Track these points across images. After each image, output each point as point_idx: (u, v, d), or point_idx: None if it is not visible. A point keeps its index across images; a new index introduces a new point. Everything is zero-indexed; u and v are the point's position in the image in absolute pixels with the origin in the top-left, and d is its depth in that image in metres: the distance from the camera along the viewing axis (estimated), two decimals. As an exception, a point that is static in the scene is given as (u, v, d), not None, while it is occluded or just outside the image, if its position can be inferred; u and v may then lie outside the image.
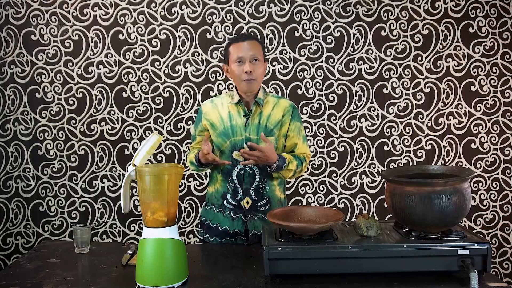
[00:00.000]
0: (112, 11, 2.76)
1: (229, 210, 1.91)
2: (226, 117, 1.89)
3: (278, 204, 1.95)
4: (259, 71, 1.84)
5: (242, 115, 1.88)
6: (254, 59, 1.82)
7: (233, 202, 1.90)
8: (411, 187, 1.43)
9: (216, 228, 1.93)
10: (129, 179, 1.51)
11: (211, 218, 1.95)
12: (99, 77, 2.79)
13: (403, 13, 2.79)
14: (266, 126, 1.88)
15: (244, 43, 1.82)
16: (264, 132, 1.86)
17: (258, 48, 1.85)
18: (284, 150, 1.95)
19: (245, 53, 1.81)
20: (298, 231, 1.48)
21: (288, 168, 1.86)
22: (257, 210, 1.90)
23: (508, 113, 2.85)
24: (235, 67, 1.83)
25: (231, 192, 1.90)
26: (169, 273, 1.41)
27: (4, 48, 2.76)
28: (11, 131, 2.80)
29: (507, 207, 2.88)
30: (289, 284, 1.40)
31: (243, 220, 1.90)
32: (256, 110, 1.89)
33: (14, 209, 2.83)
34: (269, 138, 1.85)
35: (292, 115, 1.92)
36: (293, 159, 1.88)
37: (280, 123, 1.90)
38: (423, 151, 2.85)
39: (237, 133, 1.87)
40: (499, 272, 2.88)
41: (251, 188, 1.88)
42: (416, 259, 1.40)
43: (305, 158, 1.95)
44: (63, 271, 1.57)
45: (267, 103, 1.91)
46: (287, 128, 1.92)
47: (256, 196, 1.89)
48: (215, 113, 1.91)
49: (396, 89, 2.83)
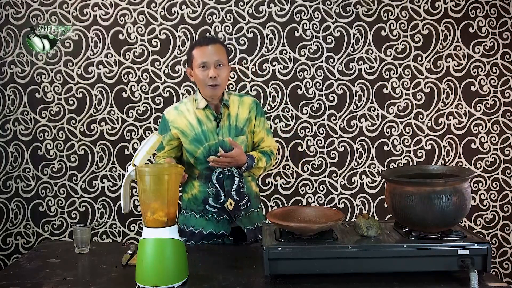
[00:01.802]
0: (112, 11, 2.76)
1: (212, 213, 1.91)
2: (195, 123, 1.89)
3: (256, 199, 2.01)
4: (223, 75, 1.84)
5: (212, 120, 1.89)
6: (219, 64, 1.82)
7: (216, 205, 1.90)
8: (411, 187, 1.43)
9: (200, 232, 1.93)
10: (129, 179, 1.51)
11: (193, 224, 1.94)
12: (99, 77, 2.79)
13: (403, 13, 2.79)
14: (236, 126, 1.90)
15: (208, 48, 1.81)
16: (235, 132, 1.89)
17: (223, 52, 1.85)
18: (253, 145, 1.99)
19: (210, 58, 1.80)
20: (298, 231, 1.48)
21: (258, 166, 1.91)
22: (240, 210, 1.92)
23: (508, 113, 2.85)
24: (199, 72, 1.82)
25: (213, 196, 1.90)
26: (169, 273, 1.41)
27: (4, 48, 2.76)
28: (11, 131, 2.80)
29: (507, 207, 2.88)
30: (289, 284, 1.41)
31: (228, 221, 1.92)
32: (225, 112, 1.91)
33: (14, 209, 2.83)
34: (241, 138, 1.90)
35: (256, 111, 1.96)
36: (262, 157, 1.92)
37: (247, 121, 1.93)
38: (423, 151, 2.85)
39: (209, 138, 1.87)
40: (499, 272, 2.88)
41: (232, 190, 1.90)
42: (416, 259, 1.40)
43: (272, 151, 2.00)
44: (63, 271, 1.57)
45: (232, 103, 1.93)
46: (254, 125, 1.95)
47: (238, 196, 1.91)
48: (183, 120, 1.90)
49: (396, 89, 2.83)
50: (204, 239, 1.93)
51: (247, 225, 1.93)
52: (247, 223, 1.94)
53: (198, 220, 1.93)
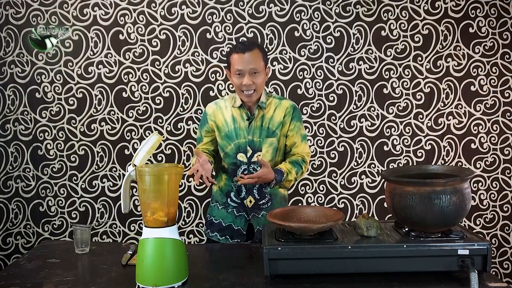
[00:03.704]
0: (112, 11, 2.76)
1: (232, 208, 1.97)
2: (229, 120, 1.95)
3: (281, 201, 2.01)
4: (259, 82, 1.86)
5: (245, 119, 1.93)
6: (254, 72, 1.84)
7: (237, 201, 1.97)
8: (411, 187, 1.43)
9: (219, 224, 1.99)
10: (129, 179, 1.51)
11: (214, 215, 2.02)
12: (99, 77, 2.79)
13: (403, 13, 2.79)
14: (268, 128, 1.93)
15: (244, 56, 1.83)
16: (266, 134, 1.92)
17: (259, 58, 1.86)
18: (285, 149, 2.00)
19: (245, 66, 1.83)
20: (298, 231, 1.48)
21: (288, 179, 1.90)
22: (260, 209, 1.95)
23: (508, 113, 2.85)
24: (235, 78, 1.86)
25: (235, 191, 1.96)
26: (169, 273, 1.41)
27: (4, 48, 2.76)
28: (11, 131, 2.80)
29: (507, 207, 2.88)
30: (289, 284, 1.41)
31: (246, 218, 1.96)
32: (259, 113, 1.93)
33: (14, 209, 2.83)
34: (271, 139, 1.92)
35: (292, 115, 1.95)
36: (291, 169, 1.90)
37: (281, 124, 1.94)
38: (423, 151, 2.85)
39: (240, 136, 1.92)
40: (499, 272, 2.88)
41: (255, 188, 1.94)
42: (416, 259, 1.40)
43: (304, 158, 1.97)
44: (63, 271, 1.57)
45: (269, 105, 1.96)
46: (287, 128, 1.96)
47: (259, 195, 1.95)
48: (219, 116, 1.96)
49: (396, 89, 2.83)
50: (220, 232, 1.98)
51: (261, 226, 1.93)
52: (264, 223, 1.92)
53: (219, 211, 2.00)
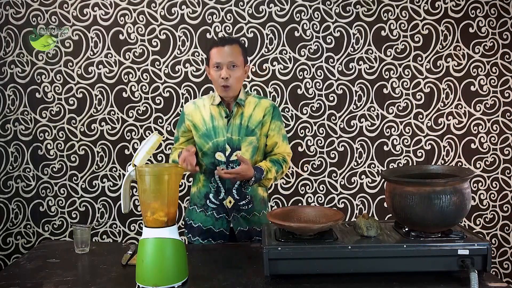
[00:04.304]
0: (112, 11, 2.76)
1: (212, 210, 1.94)
2: (208, 118, 1.92)
3: (260, 203, 1.99)
4: (236, 76, 1.85)
5: (223, 116, 1.91)
6: (232, 65, 1.83)
7: (216, 202, 1.93)
8: (411, 187, 1.43)
9: (198, 228, 1.96)
10: (129, 179, 1.51)
11: (193, 218, 1.99)
12: (99, 77, 2.79)
13: (403, 13, 2.79)
14: (247, 127, 1.91)
15: (224, 48, 1.83)
16: (245, 132, 1.90)
17: (238, 52, 1.85)
18: (266, 149, 1.98)
19: (223, 59, 1.82)
20: (298, 231, 1.48)
21: (267, 178, 1.88)
22: (239, 210, 1.93)
23: (507, 113, 2.85)
24: (213, 72, 1.85)
25: (213, 192, 1.93)
26: (169, 273, 1.41)
27: (4, 48, 2.76)
28: (11, 131, 2.80)
29: (507, 207, 2.88)
30: (289, 284, 1.41)
31: (227, 220, 1.94)
32: (238, 111, 1.92)
33: (14, 209, 2.83)
34: (250, 138, 1.90)
35: (272, 114, 1.94)
36: (271, 167, 1.89)
37: (261, 123, 1.92)
38: (423, 151, 2.86)
39: (219, 134, 1.90)
40: (499, 272, 2.88)
41: (234, 188, 1.91)
42: (416, 259, 1.40)
43: (285, 158, 1.97)
44: (63, 271, 1.58)
45: (249, 104, 1.94)
46: (268, 128, 1.94)
47: (239, 195, 1.92)
48: (198, 115, 1.94)
49: (396, 89, 2.83)
50: (201, 235, 1.95)
51: (243, 226, 1.94)
52: (244, 224, 1.94)
53: (198, 215, 1.97)
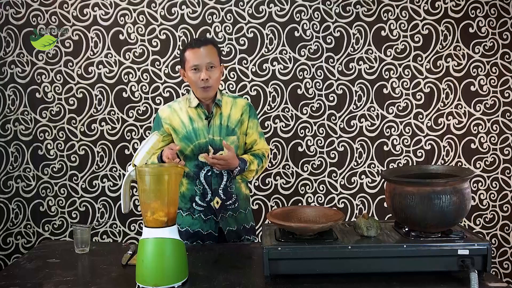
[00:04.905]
0: (112, 11, 2.76)
1: (199, 212, 1.93)
2: (187, 121, 1.91)
3: (245, 200, 2.01)
4: (215, 77, 1.85)
5: (203, 118, 1.91)
6: (210, 66, 1.83)
7: (203, 204, 1.93)
8: (411, 187, 1.43)
9: (186, 232, 1.95)
10: (129, 179, 1.51)
11: (180, 222, 1.96)
12: (99, 77, 2.79)
13: (403, 13, 2.79)
14: (227, 126, 1.91)
15: (200, 50, 1.82)
16: (226, 132, 1.91)
17: (214, 53, 1.86)
18: (245, 147, 2.00)
19: (201, 60, 1.82)
20: (298, 231, 1.48)
21: (250, 169, 1.91)
22: (226, 209, 1.93)
23: (507, 113, 2.85)
24: (192, 74, 1.84)
25: (199, 194, 1.92)
26: (169, 273, 1.41)
27: (4, 48, 2.76)
28: (12, 131, 2.80)
29: (507, 207, 2.88)
30: (289, 284, 1.41)
31: (215, 221, 1.93)
32: (217, 111, 1.92)
33: (14, 209, 2.83)
34: (231, 138, 1.91)
35: (249, 113, 1.97)
36: (253, 159, 1.93)
37: (240, 122, 1.94)
38: (423, 151, 2.86)
39: (200, 136, 1.89)
40: (499, 272, 2.88)
41: (220, 188, 1.92)
42: (416, 259, 1.40)
43: (264, 153, 1.99)
44: (63, 271, 1.58)
45: (226, 104, 1.94)
46: (246, 126, 1.96)
47: (225, 195, 1.92)
48: (175, 118, 1.93)
49: (396, 89, 2.83)
50: (189, 239, 1.94)
51: (232, 226, 1.94)
52: (233, 223, 1.95)
53: (184, 219, 1.95)
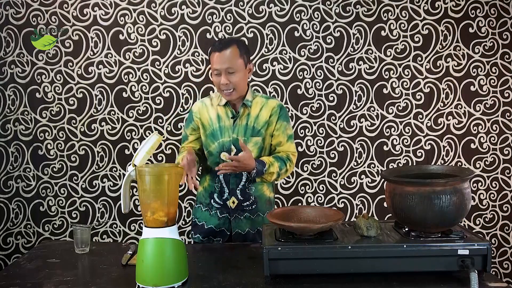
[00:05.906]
0: (112, 11, 2.76)
1: (215, 209, 1.95)
2: (214, 118, 1.92)
3: (266, 204, 1.97)
4: (235, 80, 1.81)
5: (230, 117, 1.91)
6: (230, 71, 1.80)
7: (220, 202, 1.93)
8: (411, 187, 1.43)
9: (202, 226, 1.97)
10: (129, 179, 1.51)
11: (198, 216, 2.00)
12: (99, 77, 2.79)
13: (403, 13, 2.79)
14: (253, 127, 1.90)
15: (220, 54, 1.80)
16: (251, 133, 1.89)
17: (235, 55, 1.81)
18: (271, 148, 1.96)
19: (221, 65, 1.80)
20: (298, 231, 1.48)
21: (269, 172, 1.85)
22: (243, 210, 1.93)
23: (507, 113, 2.85)
24: (214, 78, 1.86)
25: (217, 191, 1.93)
26: (169, 273, 1.41)
27: (4, 48, 2.76)
28: (12, 131, 2.80)
29: (507, 207, 2.88)
30: (289, 284, 1.41)
31: (229, 220, 1.94)
32: (244, 111, 1.91)
33: (14, 209, 2.83)
34: (255, 139, 1.89)
35: (279, 114, 1.92)
36: (274, 161, 1.87)
37: (267, 123, 1.91)
38: (423, 151, 2.86)
39: (224, 135, 1.90)
40: (499, 272, 2.88)
41: (237, 188, 1.91)
42: (416, 259, 1.40)
43: (289, 157, 1.93)
44: (63, 271, 1.57)
45: (256, 104, 1.93)
46: (274, 127, 1.92)
47: (242, 196, 1.91)
48: (205, 114, 1.94)
49: (395, 89, 2.83)
50: (202, 233, 1.96)
51: (241, 229, 1.93)
52: (248, 225, 1.93)
53: (203, 213, 1.98)
